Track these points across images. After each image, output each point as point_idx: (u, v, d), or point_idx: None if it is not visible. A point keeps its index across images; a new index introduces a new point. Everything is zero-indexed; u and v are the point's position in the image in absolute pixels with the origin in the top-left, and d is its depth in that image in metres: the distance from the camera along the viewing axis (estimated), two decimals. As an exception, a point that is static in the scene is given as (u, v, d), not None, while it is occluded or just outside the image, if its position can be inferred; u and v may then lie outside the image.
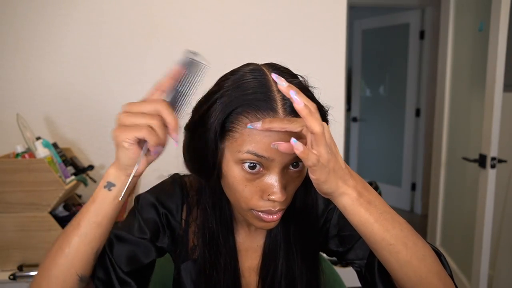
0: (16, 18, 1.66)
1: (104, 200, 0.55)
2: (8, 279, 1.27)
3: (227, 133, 0.54)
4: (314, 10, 1.81)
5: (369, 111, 3.84)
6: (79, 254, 0.55)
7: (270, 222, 0.57)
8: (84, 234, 0.55)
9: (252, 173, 0.54)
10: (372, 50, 3.71)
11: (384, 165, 3.79)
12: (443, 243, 2.36)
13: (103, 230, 0.56)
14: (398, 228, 0.52)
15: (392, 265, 0.53)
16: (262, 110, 0.51)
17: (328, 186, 0.49)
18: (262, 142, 0.51)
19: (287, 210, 0.63)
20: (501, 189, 2.01)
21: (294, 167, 0.55)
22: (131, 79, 1.73)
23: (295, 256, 0.67)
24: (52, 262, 0.55)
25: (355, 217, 0.51)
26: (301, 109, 0.45)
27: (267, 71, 0.55)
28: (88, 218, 0.55)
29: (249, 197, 0.56)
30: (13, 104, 1.69)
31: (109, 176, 0.54)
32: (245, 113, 0.52)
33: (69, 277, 0.55)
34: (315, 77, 0.60)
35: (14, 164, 1.27)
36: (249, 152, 0.52)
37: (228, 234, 0.67)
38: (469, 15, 2.07)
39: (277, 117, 0.51)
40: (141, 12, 1.72)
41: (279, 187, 0.53)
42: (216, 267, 0.66)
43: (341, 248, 0.69)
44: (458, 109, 2.20)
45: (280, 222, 0.66)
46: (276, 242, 0.67)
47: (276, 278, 0.67)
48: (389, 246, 0.52)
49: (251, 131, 0.51)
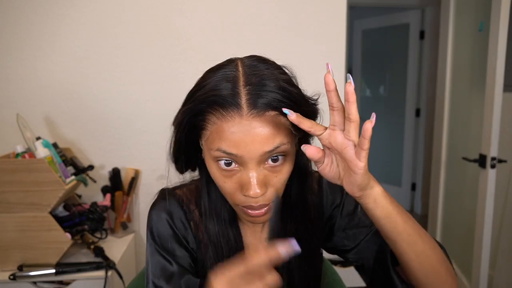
0: (16, 18, 1.66)
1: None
2: (8, 279, 1.27)
3: (201, 131, 0.55)
4: (314, 10, 1.80)
5: (369, 111, 3.81)
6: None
7: (256, 217, 0.57)
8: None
9: (228, 169, 0.55)
10: (372, 50, 3.71)
11: (384, 165, 3.79)
12: (443, 243, 2.34)
13: None
14: (411, 220, 0.55)
15: (410, 256, 0.55)
16: (227, 106, 0.51)
17: (367, 177, 0.50)
18: (229, 139, 0.51)
19: (284, 206, 0.64)
20: (501, 189, 2.01)
21: (273, 161, 0.54)
22: (131, 79, 1.73)
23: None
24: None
25: (383, 210, 0.52)
26: (352, 94, 0.46)
27: (241, 65, 0.55)
28: None
29: (231, 192, 0.56)
30: (13, 104, 1.69)
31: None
32: (213, 110, 0.52)
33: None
34: (315, 77, 0.60)
35: (14, 164, 1.27)
36: (219, 150, 0.52)
37: (229, 229, 0.66)
38: (469, 15, 2.07)
39: (241, 111, 0.50)
40: (141, 12, 1.72)
41: (254, 183, 0.53)
42: (221, 260, 0.66)
43: (346, 246, 0.69)
44: (458, 109, 2.20)
45: (279, 217, 0.66)
46: (277, 237, 0.68)
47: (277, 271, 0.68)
48: (408, 237, 0.54)
49: (219, 128, 0.52)
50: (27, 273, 1.29)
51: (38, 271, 1.29)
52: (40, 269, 1.29)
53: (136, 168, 1.73)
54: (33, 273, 1.29)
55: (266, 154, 0.52)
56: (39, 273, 1.29)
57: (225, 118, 0.51)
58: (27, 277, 1.29)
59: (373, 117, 0.47)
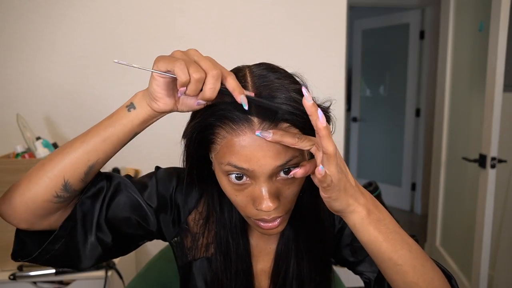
0: (16, 18, 1.66)
1: (120, 118, 0.54)
2: (8, 279, 1.27)
3: (211, 145, 0.54)
4: (314, 10, 1.81)
5: (369, 111, 3.84)
6: (73, 159, 0.53)
7: (269, 229, 0.56)
8: (87, 141, 0.54)
9: (239, 183, 0.54)
10: (372, 50, 3.70)
11: (384, 165, 3.79)
12: (443, 243, 2.36)
13: (105, 147, 0.54)
14: (407, 249, 0.52)
15: (399, 285, 0.53)
16: (237, 120, 0.50)
17: (339, 204, 0.49)
18: (240, 154, 0.50)
19: (295, 214, 0.63)
20: (501, 189, 2.01)
21: (285, 174, 0.53)
22: (131, 79, 1.73)
23: (304, 260, 0.66)
24: (50, 160, 0.54)
25: (364, 235, 0.51)
26: (323, 128, 0.43)
27: (249, 75, 0.54)
28: (97, 129, 0.54)
29: (243, 205, 0.56)
30: (13, 104, 1.69)
31: (134, 98, 0.54)
32: (222, 124, 0.51)
33: (56, 178, 0.53)
34: (315, 77, 0.60)
35: (14, 164, 1.27)
36: (229, 164, 0.52)
37: (239, 239, 0.66)
38: (469, 15, 2.07)
39: (252, 126, 0.50)
40: (141, 12, 1.72)
41: (267, 197, 0.52)
42: (229, 271, 0.65)
43: (353, 258, 0.68)
44: (458, 109, 2.19)
45: (291, 226, 0.65)
46: (288, 246, 0.67)
47: (287, 281, 0.66)
48: (396, 267, 0.51)
49: (229, 142, 0.51)
50: (27, 273, 1.29)
51: (38, 271, 1.29)
52: (40, 269, 1.29)
53: (136, 168, 1.73)
54: (33, 273, 1.29)
55: (278, 168, 0.51)
56: (39, 273, 1.29)
57: (235, 132, 0.50)
58: (27, 277, 1.29)
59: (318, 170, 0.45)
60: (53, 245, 0.58)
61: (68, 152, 0.54)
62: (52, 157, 0.54)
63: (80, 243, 0.59)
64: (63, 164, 0.53)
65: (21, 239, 0.59)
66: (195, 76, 0.46)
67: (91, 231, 0.60)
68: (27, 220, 0.55)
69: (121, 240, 0.65)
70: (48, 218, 0.57)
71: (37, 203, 0.54)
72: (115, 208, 0.62)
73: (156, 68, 0.48)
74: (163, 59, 0.48)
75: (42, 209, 0.54)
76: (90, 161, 0.54)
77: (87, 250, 0.60)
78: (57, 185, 0.54)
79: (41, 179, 0.53)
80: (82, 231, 0.59)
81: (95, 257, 0.61)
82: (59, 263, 0.60)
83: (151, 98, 0.52)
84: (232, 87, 0.48)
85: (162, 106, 0.52)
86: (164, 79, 0.50)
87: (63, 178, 0.53)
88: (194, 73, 0.46)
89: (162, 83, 0.50)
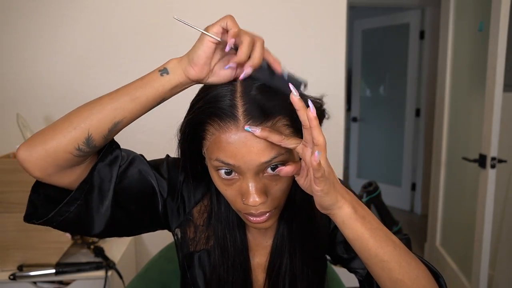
0: (17, 18, 1.66)
1: (151, 81, 0.55)
2: (8, 279, 1.27)
3: (202, 141, 0.56)
4: (314, 10, 1.81)
5: (369, 111, 3.84)
6: (100, 114, 0.54)
7: (257, 223, 0.58)
8: (116, 98, 0.55)
9: (228, 178, 0.56)
10: (372, 50, 3.70)
11: (384, 165, 3.78)
12: (443, 243, 2.36)
13: (133, 107, 0.55)
14: (392, 246, 0.53)
15: (385, 282, 0.54)
16: (224, 117, 0.52)
17: (330, 198, 0.50)
18: (226, 150, 0.52)
19: (289, 210, 0.64)
20: (501, 189, 2.01)
21: (272, 170, 0.55)
22: (131, 79, 1.73)
23: (297, 256, 0.68)
24: (77, 112, 0.55)
25: (351, 231, 0.52)
26: (313, 119, 0.46)
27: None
28: (127, 88, 0.55)
29: (232, 200, 0.58)
30: (13, 104, 1.69)
31: (168, 64, 0.55)
32: (211, 121, 0.53)
33: (81, 130, 0.54)
34: (315, 77, 0.60)
35: (14, 164, 1.27)
36: (217, 160, 0.54)
37: (236, 232, 0.67)
38: (469, 15, 2.07)
39: (237, 123, 0.51)
40: (142, 12, 1.72)
41: (253, 192, 0.54)
42: (226, 264, 0.67)
43: (346, 255, 0.69)
44: (458, 109, 2.19)
45: (286, 222, 0.67)
46: (282, 241, 0.68)
47: (280, 276, 0.68)
48: (382, 263, 0.52)
49: (217, 139, 0.53)
50: (27, 273, 1.29)
51: (38, 271, 1.29)
52: (40, 269, 1.30)
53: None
54: (33, 273, 1.29)
55: (263, 164, 0.53)
56: (39, 273, 1.29)
57: (222, 129, 0.52)
58: (27, 277, 1.29)
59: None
60: (69, 207, 0.58)
61: (95, 106, 0.54)
62: (80, 110, 0.55)
63: (94, 209, 0.60)
64: (89, 118, 0.54)
65: (33, 203, 0.59)
66: (248, 39, 0.50)
67: (107, 197, 0.60)
68: (44, 169, 0.55)
69: (125, 216, 0.65)
70: (64, 172, 0.57)
71: (57, 152, 0.54)
72: (128, 179, 0.63)
73: (210, 32, 0.51)
74: (216, 25, 0.51)
75: (61, 159, 0.55)
76: (116, 118, 0.55)
77: (101, 215, 0.60)
78: (80, 138, 0.54)
79: (66, 129, 0.54)
80: (99, 197, 0.60)
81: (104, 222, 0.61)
82: (72, 227, 0.60)
83: (191, 63, 0.53)
84: (273, 59, 0.53)
85: (198, 73, 0.53)
86: (213, 44, 0.51)
87: (87, 131, 0.54)
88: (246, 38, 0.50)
89: (210, 49, 0.52)
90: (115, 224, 0.62)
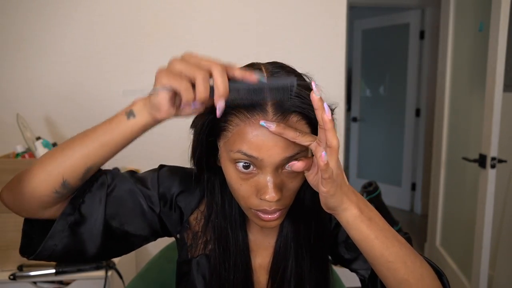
0: (17, 18, 1.66)
1: (119, 124, 0.54)
2: (8, 279, 1.27)
3: (222, 132, 0.55)
4: (314, 10, 1.81)
5: (369, 111, 3.84)
6: (72, 161, 0.54)
7: (268, 221, 0.58)
8: (86, 145, 0.54)
9: (246, 172, 0.55)
10: (372, 50, 3.71)
11: (384, 165, 3.79)
12: (443, 243, 2.36)
13: (103, 152, 0.55)
14: (398, 246, 0.53)
15: (390, 282, 0.54)
16: (253, 109, 0.52)
17: (334, 200, 0.50)
18: (251, 142, 0.52)
19: (296, 210, 0.64)
20: (501, 189, 2.01)
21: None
22: (131, 79, 1.73)
23: (304, 256, 0.67)
24: (50, 158, 0.55)
25: (356, 233, 0.52)
26: (329, 121, 0.46)
27: (265, 70, 0.56)
28: (96, 133, 0.55)
29: (246, 195, 0.57)
30: (13, 104, 1.69)
31: (135, 106, 0.53)
32: (237, 112, 0.53)
33: (56, 177, 0.54)
34: (315, 77, 0.60)
35: (14, 164, 1.27)
36: (239, 152, 0.53)
37: (238, 231, 0.67)
38: (469, 15, 2.07)
39: (266, 116, 0.51)
40: (141, 12, 1.72)
41: (271, 187, 0.54)
42: (228, 263, 0.66)
43: (348, 255, 0.69)
44: (458, 109, 2.19)
45: (291, 222, 0.66)
46: (287, 241, 0.68)
47: (285, 278, 0.67)
48: (388, 263, 0.53)
49: (242, 130, 0.52)
50: (27, 273, 1.29)
51: (38, 271, 1.29)
52: (40, 269, 1.30)
53: (136, 168, 1.73)
54: (33, 273, 1.29)
55: (286, 159, 0.53)
56: (39, 273, 1.29)
57: (249, 120, 0.52)
58: (27, 277, 1.29)
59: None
60: (54, 240, 0.58)
61: (67, 152, 0.55)
62: (52, 156, 0.55)
63: (85, 236, 0.60)
64: (62, 165, 0.54)
65: (27, 233, 0.60)
66: (200, 76, 0.46)
67: (96, 224, 0.61)
68: (27, 210, 0.57)
69: (122, 237, 0.65)
70: (49, 209, 0.58)
71: (36, 197, 0.55)
72: (117, 202, 0.63)
73: (160, 85, 0.48)
74: (165, 75, 0.48)
75: (41, 202, 0.56)
76: (87, 164, 0.55)
77: (92, 242, 0.61)
78: (56, 183, 0.55)
79: (41, 176, 0.54)
80: (87, 225, 0.60)
81: (96, 248, 0.61)
82: (64, 258, 0.61)
83: (154, 109, 0.51)
84: (241, 74, 0.49)
85: (165, 115, 0.52)
86: (164, 94, 0.49)
87: (62, 177, 0.54)
88: (198, 74, 0.46)
89: (166, 97, 0.50)
90: (110, 247, 0.63)
